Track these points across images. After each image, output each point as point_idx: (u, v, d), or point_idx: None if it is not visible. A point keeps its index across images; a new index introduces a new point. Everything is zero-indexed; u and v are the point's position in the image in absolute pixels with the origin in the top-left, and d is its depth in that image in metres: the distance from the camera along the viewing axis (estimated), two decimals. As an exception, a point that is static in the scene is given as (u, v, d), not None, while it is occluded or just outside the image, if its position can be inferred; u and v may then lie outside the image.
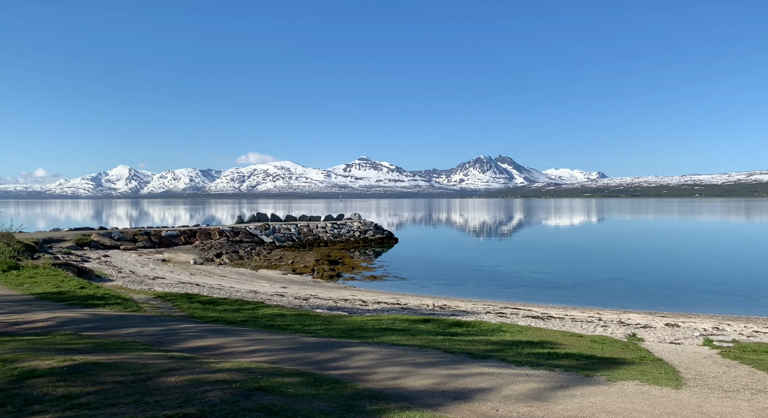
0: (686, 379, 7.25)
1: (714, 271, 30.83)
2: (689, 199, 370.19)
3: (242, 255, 35.40)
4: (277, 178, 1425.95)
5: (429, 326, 11.65)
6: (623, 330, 13.74)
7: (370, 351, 7.96)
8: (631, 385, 6.52)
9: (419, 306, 18.12)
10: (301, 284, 25.93)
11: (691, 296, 23.41)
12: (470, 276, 29.74)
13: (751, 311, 20.05)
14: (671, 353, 9.68)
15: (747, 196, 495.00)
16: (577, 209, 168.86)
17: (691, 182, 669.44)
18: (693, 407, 5.69)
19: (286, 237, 43.26)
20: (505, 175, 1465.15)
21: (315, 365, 6.97)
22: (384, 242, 47.45)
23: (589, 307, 20.60)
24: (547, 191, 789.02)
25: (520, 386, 6.12)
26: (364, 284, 27.13)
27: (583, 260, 36.85)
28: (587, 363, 7.94)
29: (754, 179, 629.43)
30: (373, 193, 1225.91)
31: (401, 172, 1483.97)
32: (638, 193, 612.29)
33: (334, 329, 10.49)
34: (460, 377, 6.44)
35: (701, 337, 12.76)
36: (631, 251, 43.38)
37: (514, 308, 18.57)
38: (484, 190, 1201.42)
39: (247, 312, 13.02)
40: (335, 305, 17.49)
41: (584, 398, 5.76)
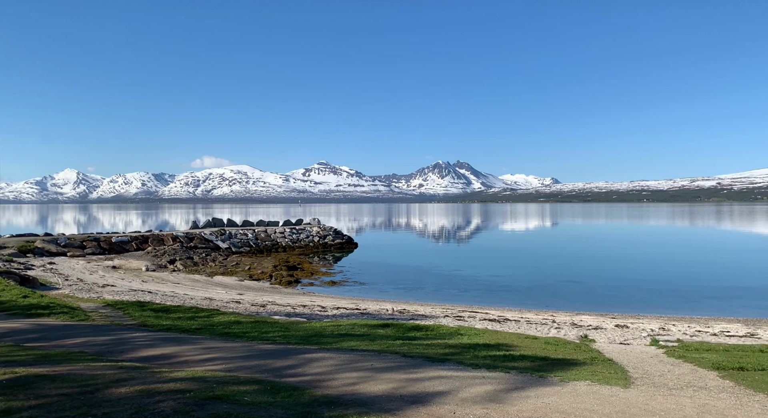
0: (634, 378, 7.53)
1: (660, 273, 32.18)
2: (637, 204, 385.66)
3: (197, 261, 34.56)
4: (233, 183, 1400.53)
5: (388, 330, 11.68)
6: (576, 332, 14.15)
7: (329, 357, 7.91)
8: (583, 385, 6.72)
9: (379, 311, 18.14)
10: (258, 290, 25.52)
11: (640, 297, 24.34)
12: (429, 280, 30.00)
13: (694, 311, 21.01)
14: (621, 353, 10.04)
15: (690, 201, 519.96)
16: (532, 213, 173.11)
17: (639, 188, 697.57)
18: (640, 405, 5.91)
19: (243, 243, 42.51)
20: (463, 181, 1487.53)
21: (272, 372, 6.87)
22: (344, 247, 47.30)
23: (543, 309, 21.12)
24: (504, 196, 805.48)
25: (477, 389, 6.22)
26: (324, 289, 26.96)
27: (538, 264, 37.77)
28: (541, 365, 8.14)
29: (696, 185, 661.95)
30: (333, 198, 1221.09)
31: (361, 177, 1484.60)
32: (590, 199, 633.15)
33: (292, 336, 10.38)
34: (418, 381, 6.49)
35: (648, 337, 13.28)
36: (583, 254, 44.79)
37: (472, 312, 18.84)
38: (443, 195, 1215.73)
39: (202, 320, 12.72)
40: (294, 311, 17.30)
41: (538, 399, 5.90)
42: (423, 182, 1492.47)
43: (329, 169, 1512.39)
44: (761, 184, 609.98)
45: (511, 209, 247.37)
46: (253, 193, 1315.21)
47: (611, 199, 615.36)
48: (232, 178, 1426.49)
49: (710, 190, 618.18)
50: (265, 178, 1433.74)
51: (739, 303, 22.74)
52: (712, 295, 24.70)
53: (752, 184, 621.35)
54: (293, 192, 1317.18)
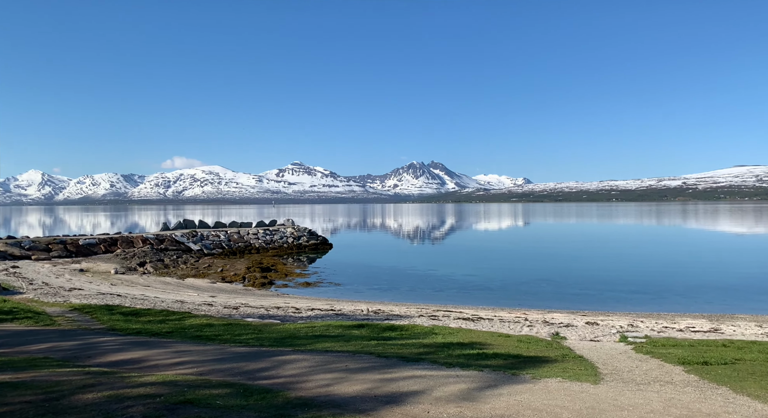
0: (604, 374, 7.69)
1: (629, 271, 32.95)
2: (607, 204, 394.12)
3: (168, 264, 33.94)
4: (205, 184, 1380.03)
5: (363, 331, 11.67)
6: (547, 329, 14.38)
7: (303, 359, 7.86)
8: (554, 382, 6.83)
9: (353, 312, 18.11)
10: (231, 292, 25.20)
11: (609, 295, 24.87)
12: (404, 280, 30.08)
13: (661, 308, 21.57)
14: (591, 350, 10.24)
15: (657, 200, 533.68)
16: (505, 213, 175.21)
17: (608, 188, 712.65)
18: (609, 400, 6.04)
19: (215, 244, 41.93)
20: (437, 181, 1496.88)
21: (245, 375, 6.79)
22: (318, 247, 47.07)
23: (516, 308, 21.39)
24: (477, 196, 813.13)
25: (451, 388, 6.26)
26: (298, 290, 26.78)
27: (511, 263, 38.25)
28: (514, 362, 8.25)
29: (663, 185, 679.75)
30: (307, 199, 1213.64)
31: (336, 178, 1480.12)
32: (561, 198, 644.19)
33: (265, 338, 10.28)
34: (392, 381, 6.50)
35: (618, 334, 13.57)
36: (555, 253, 45.55)
37: (446, 311, 18.97)
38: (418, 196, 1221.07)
39: (173, 323, 12.49)
40: (267, 313, 17.14)
41: (511, 397, 5.97)
42: (398, 183, 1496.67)
43: (303, 169, 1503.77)
44: (724, 184, 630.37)
45: (484, 209, 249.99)
46: (225, 194, 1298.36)
47: (581, 198, 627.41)
48: (204, 179, 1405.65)
49: (676, 189, 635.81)
50: (238, 178, 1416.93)
51: (703, 299, 23.44)
52: (679, 292, 25.39)
53: (716, 183, 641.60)
54: (267, 193, 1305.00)
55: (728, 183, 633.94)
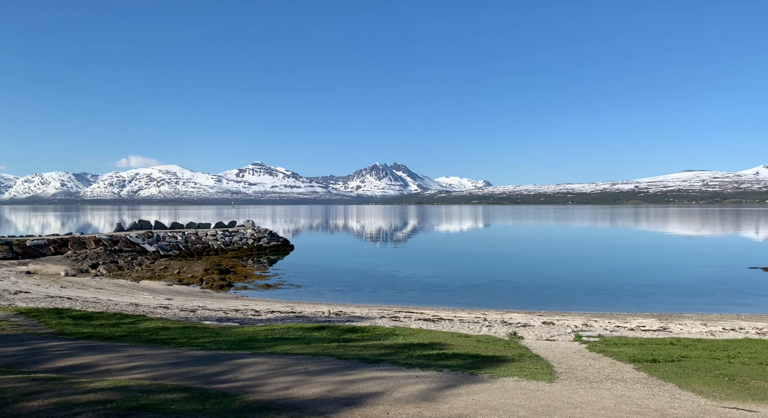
0: (559, 372, 7.89)
1: (584, 272, 33.94)
2: (563, 206, 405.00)
3: (122, 265, 32.88)
4: (162, 183, 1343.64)
5: (324, 333, 11.60)
6: (506, 329, 14.65)
7: (262, 362, 7.76)
8: (511, 381, 6.96)
9: (315, 314, 17.98)
10: (188, 295, 24.62)
11: (565, 295, 25.56)
12: (366, 282, 30.08)
13: (614, 308, 22.31)
14: (547, 349, 10.50)
15: (611, 203, 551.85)
16: (466, 215, 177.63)
17: (564, 191, 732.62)
18: (564, 398, 6.20)
19: (172, 246, 40.87)
20: (400, 183, 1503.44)
21: (201, 379, 6.65)
22: (279, 249, 46.53)
23: (476, 308, 21.71)
24: (439, 198, 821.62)
25: (411, 388, 6.30)
26: (258, 293, 26.39)
27: (471, 264, 38.80)
28: (473, 362, 8.37)
29: (616, 188, 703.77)
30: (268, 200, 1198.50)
31: (297, 178, 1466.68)
32: (519, 201, 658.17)
33: (223, 341, 10.09)
34: (352, 383, 6.49)
35: (572, 333, 13.96)
36: (513, 254, 46.48)
37: (408, 312, 19.07)
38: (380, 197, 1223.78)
39: (127, 326, 12.11)
40: (225, 316, 16.83)
41: (469, 396, 6.05)
42: (360, 184, 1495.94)
43: (264, 169, 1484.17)
44: (673, 188, 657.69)
45: (446, 211, 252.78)
46: (183, 194, 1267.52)
47: (539, 201, 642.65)
48: (161, 178, 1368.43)
49: (629, 193, 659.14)
50: (196, 178, 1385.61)
51: (654, 299, 24.38)
52: (630, 292, 26.32)
53: (666, 187, 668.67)
54: (226, 193, 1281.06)
55: (677, 187, 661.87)
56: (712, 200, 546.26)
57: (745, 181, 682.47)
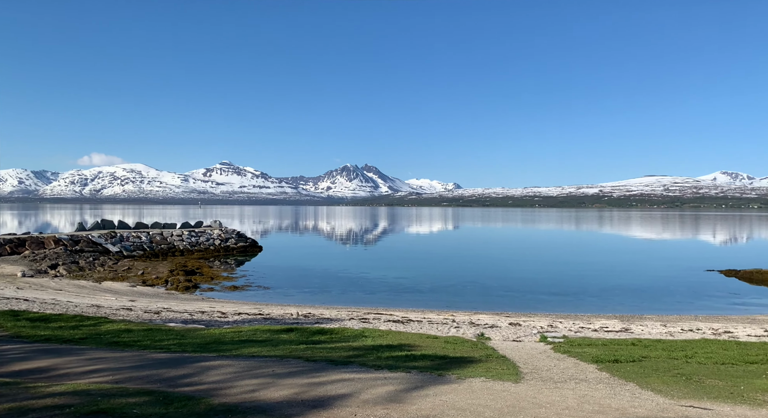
0: (524, 373, 8.02)
1: (550, 274, 34.60)
2: (530, 209, 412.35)
3: (83, 266, 31.91)
4: (126, 182, 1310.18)
5: (292, 335, 11.51)
6: (473, 330, 14.81)
7: (228, 364, 7.65)
8: (478, 381, 7.04)
9: (283, 316, 17.81)
10: (152, 296, 24.07)
11: (531, 297, 26.00)
12: (336, 283, 29.97)
13: (578, 309, 22.81)
14: (513, 349, 10.66)
15: (576, 206, 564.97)
16: (436, 217, 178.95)
17: (531, 194, 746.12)
18: (529, 398, 6.31)
19: (136, 246, 39.90)
20: (370, 184, 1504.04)
21: (165, 382, 6.51)
22: (247, 250, 45.93)
23: (444, 309, 21.88)
24: (410, 200, 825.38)
25: (379, 390, 6.30)
26: (225, 294, 26.00)
27: (440, 265, 39.08)
28: (440, 363, 8.43)
29: (581, 192, 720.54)
30: (236, 200, 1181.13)
31: (267, 179, 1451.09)
32: (488, 203, 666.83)
33: (188, 344, 9.90)
34: (320, 385, 6.46)
35: (538, 334, 14.21)
36: (482, 256, 47.04)
37: (377, 314, 19.08)
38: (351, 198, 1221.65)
39: (87, 329, 11.75)
40: (191, 317, 16.52)
41: (436, 397, 6.10)
42: (331, 185, 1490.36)
43: (232, 169, 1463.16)
44: (636, 192, 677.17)
45: (416, 213, 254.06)
46: (148, 193, 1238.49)
47: (507, 203, 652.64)
48: (125, 177, 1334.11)
49: (593, 196, 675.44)
50: (162, 177, 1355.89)
51: (616, 301, 25.03)
52: (594, 294, 26.97)
53: (629, 192, 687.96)
54: (193, 193, 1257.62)
55: (639, 191, 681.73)
56: (672, 205, 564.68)
57: (703, 186, 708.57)
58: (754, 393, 6.89)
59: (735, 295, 27.01)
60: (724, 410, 6.05)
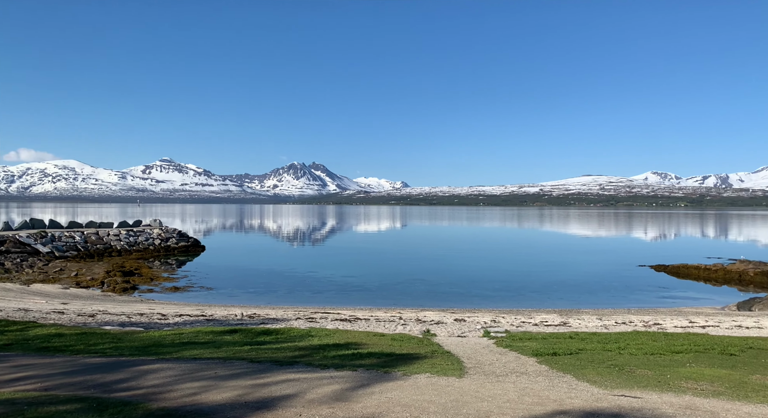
0: (468, 368, 8.20)
1: (493, 270, 35.52)
2: (475, 208, 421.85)
3: (9, 268, 29.98)
4: (58, 179, 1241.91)
5: (236, 336, 11.26)
6: (420, 327, 14.99)
7: (168, 367, 7.39)
8: (423, 378, 7.14)
9: (226, 317, 17.40)
10: (87, 298, 22.93)
11: (476, 293, 26.60)
12: (282, 283, 29.55)
13: (520, 304, 23.54)
14: (458, 345, 10.87)
15: (518, 205, 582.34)
16: (384, 215, 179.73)
17: (476, 193, 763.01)
18: (472, 392, 6.45)
19: (69, 246, 37.88)
20: (318, 182, 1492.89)
21: (100, 387, 6.22)
22: (189, 250, 44.55)
23: (392, 307, 22.02)
24: (358, 199, 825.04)
25: (324, 389, 6.28)
26: (165, 296, 25.12)
27: (388, 263, 39.31)
28: (387, 360, 8.48)
29: (523, 191, 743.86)
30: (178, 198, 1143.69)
31: (210, 176, 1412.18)
32: (435, 202, 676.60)
33: (125, 347, 9.50)
34: (264, 386, 6.36)
35: (482, 329, 14.55)
36: (428, 254, 47.66)
37: (324, 313, 18.96)
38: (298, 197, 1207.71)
39: (14, 334, 11.06)
40: (129, 320, 15.85)
41: (382, 394, 6.13)
42: (277, 183, 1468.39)
43: (173, 166, 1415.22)
44: (574, 191, 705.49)
45: (364, 211, 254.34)
46: (82, 191, 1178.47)
47: (454, 202, 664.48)
48: (57, 174, 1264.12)
49: (534, 195, 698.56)
50: (98, 174, 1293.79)
51: (556, 296, 26.00)
52: (536, 289, 27.90)
53: (567, 191, 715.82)
54: (131, 191, 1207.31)
55: (577, 190, 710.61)
56: (607, 203, 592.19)
57: (636, 185, 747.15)
58: (678, 381, 7.34)
59: (664, 289, 28.66)
60: (652, 397, 6.41)
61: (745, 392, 6.75)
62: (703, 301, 25.06)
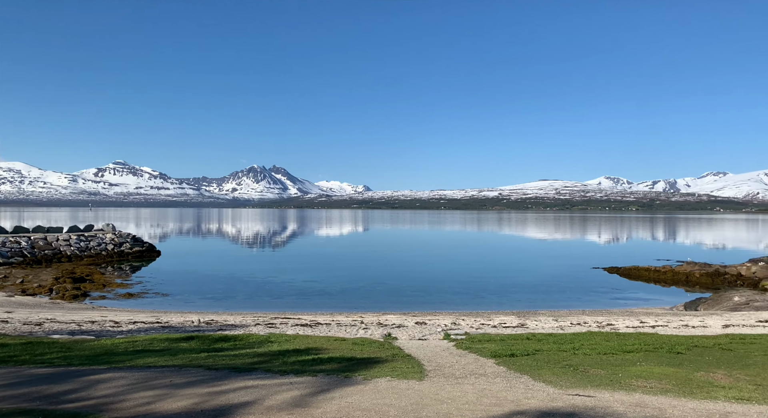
0: (428, 370, 8.26)
1: (454, 273, 35.93)
2: (436, 211, 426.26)
3: (-51, 275, 28.34)
4: (2, 182, 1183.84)
5: (192, 343, 10.99)
6: (381, 331, 15.01)
7: (121, 376, 7.15)
8: (384, 381, 7.15)
9: (183, 323, 16.95)
10: (33, 306, 21.92)
11: (437, 296, 26.84)
12: (241, 288, 29.04)
13: (479, 306, 23.90)
14: (418, 348, 10.94)
15: (478, 208, 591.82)
16: (345, 219, 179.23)
17: (438, 197, 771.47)
18: (432, 395, 6.51)
19: (14, 252, 36.15)
20: (279, 186, 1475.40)
21: (47, 399, 5.96)
22: (144, 255, 43.23)
23: (353, 311, 21.96)
24: (319, 202, 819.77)
25: (284, 395, 6.20)
26: (119, 302, 24.29)
27: (350, 268, 39.20)
28: (348, 365, 8.45)
29: (483, 195, 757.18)
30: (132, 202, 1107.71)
31: (166, 179, 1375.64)
32: (397, 206, 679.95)
33: (75, 356, 9.13)
34: (222, 394, 6.23)
35: (442, 332, 14.69)
36: (390, 257, 47.81)
37: (285, 318, 18.73)
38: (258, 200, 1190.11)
39: (-47, 346, 10.45)
40: (79, 328, 15.24)
41: (342, 399, 6.11)
42: (237, 186, 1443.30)
43: (128, 169, 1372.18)
44: (531, 195, 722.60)
45: (326, 215, 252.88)
46: (29, 194, 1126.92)
47: (415, 206, 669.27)
48: (1, 176, 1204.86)
49: (494, 199, 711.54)
50: (46, 177, 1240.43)
51: (514, 298, 26.52)
52: (494, 292, 28.38)
53: (525, 195, 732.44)
54: (82, 194, 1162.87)
55: (534, 195, 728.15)
56: (563, 207, 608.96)
57: (590, 190, 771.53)
58: (629, 379, 7.61)
59: (616, 290, 29.66)
60: (604, 396, 6.63)
61: (690, 389, 7.06)
62: (653, 301, 26.06)
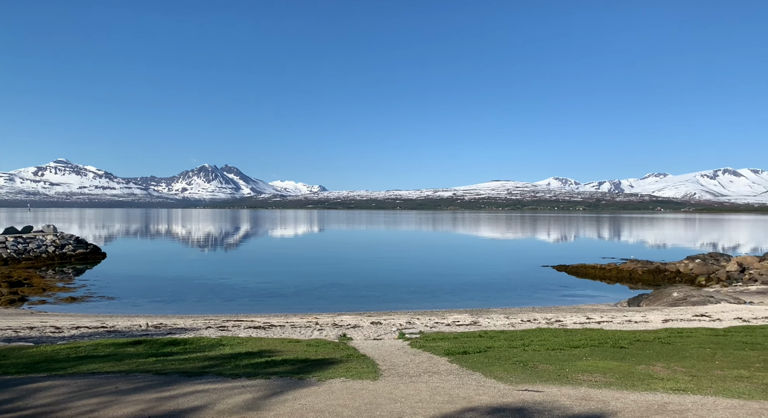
0: (383, 370, 8.30)
1: (409, 273, 36.20)
2: (392, 211, 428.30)
3: None
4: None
5: (140, 348, 10.63)
6: (336, 331, 14.95)
7: (62, 384, 6.84)
8: (338, 382, 7.14)
9: (130, 328, 16.36)
10: (-34, 313, 20.63)
11: (392, 296, 26.98)
12: (191, 291, 28.28)
13: (434, 305, 24.19)
14: (373, 348, 10.97)
15: (433, 208, 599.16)
16: (301, 219, 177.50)
17: (393, 197, 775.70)
18: (386, 394, 6.54)
19: (-55, 255, 33.93)
20: (231, 186, 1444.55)
21: (-21, 413, 5.62)
22: (88, 257, 41.46)
23: (308, 312, 21.78)
24: (274, 203, 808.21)
25: (235, 399, 6.09)
26: (60, 307, 23.22)
27: (304, 269, 38.85)
28: (302, 367, 8.39)
29: (438, 195, 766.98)
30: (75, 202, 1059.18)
31: (112, 179, 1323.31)
32: (353, 206, 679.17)
33: (11, 364, 8.67)
34: (171, 399, 6.06)
35: (397, 331, 14.78)
36: (345, 258, 47.70)
37: (237, 321, 18.37)
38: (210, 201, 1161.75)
39: None
40: (16, 335, 14.47)
41: (296, 401, 6.06)
42: (187, 186, 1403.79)
43: (70, 168, 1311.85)
44: (484, 196, 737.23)
45: (280, 215, 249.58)
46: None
47: (371, 206, 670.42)
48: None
49: (448, 199, 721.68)
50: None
51: (467, 296, 26.99)
52: (448, 290, 28.79)
53: (478, 195, 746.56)
54: (20, 194, 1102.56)
55: (487, 195, 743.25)
56: (514, 207, 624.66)
57: (539, 190, 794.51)
58: (576, 374, 7.88)
59: (565, 287, 30.67)
60: (552, 391, 6.84)
61: (632, 382, 7.39)
62: (599, 298, 27.09)
